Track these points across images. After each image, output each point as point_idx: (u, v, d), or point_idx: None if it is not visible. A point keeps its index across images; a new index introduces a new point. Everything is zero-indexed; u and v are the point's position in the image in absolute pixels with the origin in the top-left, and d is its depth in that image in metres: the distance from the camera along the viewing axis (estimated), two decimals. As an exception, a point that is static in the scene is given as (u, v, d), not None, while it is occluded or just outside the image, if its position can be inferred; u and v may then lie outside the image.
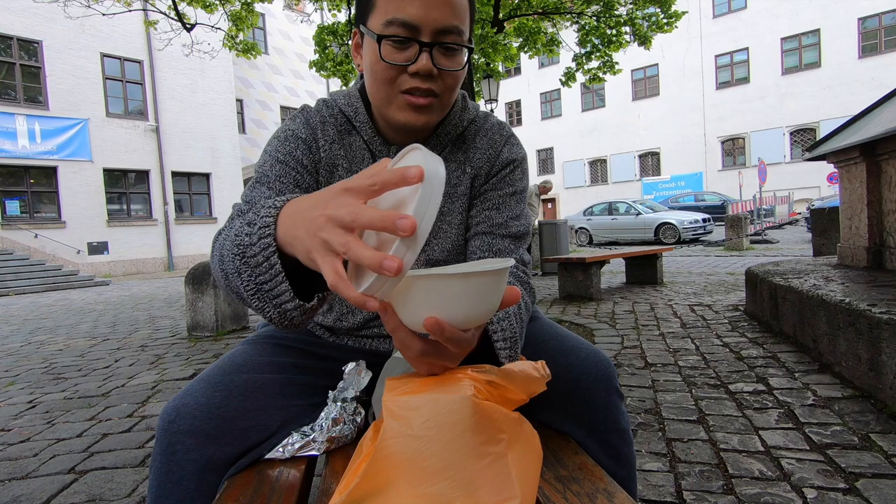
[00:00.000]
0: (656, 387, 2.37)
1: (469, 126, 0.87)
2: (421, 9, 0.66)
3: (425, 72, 0.69)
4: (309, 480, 0.73)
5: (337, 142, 0.83)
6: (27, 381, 3.22)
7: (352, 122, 0.83)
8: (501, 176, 0.86)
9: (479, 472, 0.53)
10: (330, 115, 0.84)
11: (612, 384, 0.78)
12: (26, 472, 1.85)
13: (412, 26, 0.67)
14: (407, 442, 0.52)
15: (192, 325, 4.41)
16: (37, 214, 13.79)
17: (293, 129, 0.81)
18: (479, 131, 0.87)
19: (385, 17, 0.68)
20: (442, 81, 0.72)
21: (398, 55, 0.69)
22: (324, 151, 0.82)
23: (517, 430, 0.56)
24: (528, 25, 8.22)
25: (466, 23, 0.71)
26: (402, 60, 0.69)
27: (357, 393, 0.80)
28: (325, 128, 0.82)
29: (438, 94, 0.73)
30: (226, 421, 0.71)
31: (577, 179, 26.68)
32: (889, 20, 18.20)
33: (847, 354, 2.23)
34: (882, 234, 3.15)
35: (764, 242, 12.19)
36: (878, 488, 1.39)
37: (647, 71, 23.86)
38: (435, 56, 0.69)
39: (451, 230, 0.86)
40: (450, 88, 0.74)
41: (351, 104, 0.83)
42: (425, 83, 0.70)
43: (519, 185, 0.87)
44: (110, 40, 14.75)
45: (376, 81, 0.73)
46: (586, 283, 5.21)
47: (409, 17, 0.67)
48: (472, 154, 0.86)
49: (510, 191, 0.85)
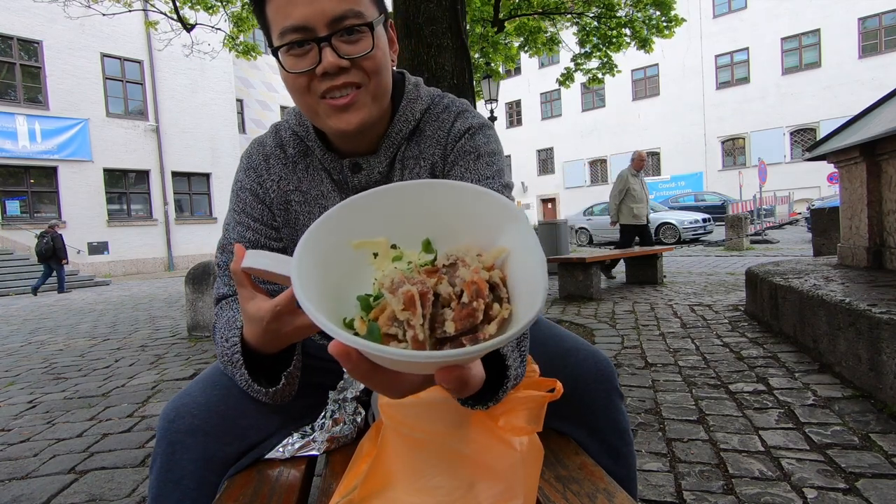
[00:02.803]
0: (656, 387, 2.37)
1: (423, 117, 0.79)
2: (305, 6, 0.62)
3: (332, 69, 0.64)
4: (309, 480, 0.73)
5: (289, 172, 0.79)
6: (27, 381, 3.22)
7: (305, 142, 0.79)
8: (459, 148, 0.76)
9: (480, 470, 0.53)
10: (277, 144, 0.80)
11: (611, 384, 0.77)
12: (26, 472, 1.85)
13: (303, 28, 0.63)
14: (407, 442, 0.52)
15: (192, 325, 4.41)
16: (37, 214, 13.80)
17: (240, 181, 0.80)
18: (431, 118, 0.79)
19: (278, 28, 0.64)
20: (359, 70, 0.66)
21: (300, 62, 0.65)
22: (273, 192, 0.78)
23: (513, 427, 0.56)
24: (528, 25, 8.23)
25: (363, 3, 0.65)
26: (307, 66, 0.65)
27: (357, 393, 0.80)
28: (269, 164, 0.79)
29: (361, 84, 0.67)
30: (225, 420, 0.71)
31: (577, 179, 26.68)
32: (889, 20, 18.20)
33: (847, 354, 2.23)
34: (882, 234, 3.15)
35: (764, 242, 12.19)
36: (878, 488, 1.39)
37: (647, 71, 23.85)
38: (337, 47, 0.64)
39: None
40: (373, 73, 0.67)
41: (301, 123, 0.79)
42: (339, 79, 0.65)
43: (484, 148, 0.76)
44: (110, 40, 14.75)
45: (294, 96, 0.69)
46: (586, 283, 5.21)
47: (296, 20, 0.63)
48: (424, 145, 0.78)
49: (474, 156, 0.75)
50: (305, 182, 0.78)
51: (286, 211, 0.79)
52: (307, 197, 0.78)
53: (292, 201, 0.78)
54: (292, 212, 0.78)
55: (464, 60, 3.74)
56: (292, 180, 0.78)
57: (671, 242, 13.96)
